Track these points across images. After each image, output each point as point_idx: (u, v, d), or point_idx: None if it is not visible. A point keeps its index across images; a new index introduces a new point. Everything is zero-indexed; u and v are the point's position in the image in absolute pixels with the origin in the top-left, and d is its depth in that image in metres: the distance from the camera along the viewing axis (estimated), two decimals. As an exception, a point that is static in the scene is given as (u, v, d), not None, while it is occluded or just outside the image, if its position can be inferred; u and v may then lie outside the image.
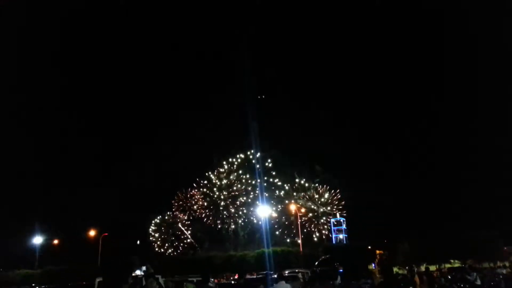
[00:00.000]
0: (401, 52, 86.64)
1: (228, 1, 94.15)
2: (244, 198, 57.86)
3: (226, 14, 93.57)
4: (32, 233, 49.10)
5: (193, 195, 60.81)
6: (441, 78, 79.29)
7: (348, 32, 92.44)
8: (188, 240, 60.24)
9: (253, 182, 57.82)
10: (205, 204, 59.17)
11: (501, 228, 38.82)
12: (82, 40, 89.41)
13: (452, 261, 38.87)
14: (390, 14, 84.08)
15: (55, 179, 62.89)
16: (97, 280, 19.62)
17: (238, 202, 57.97)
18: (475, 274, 19.23)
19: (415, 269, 26.80)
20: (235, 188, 58.21)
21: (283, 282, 11.70)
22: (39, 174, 63.05)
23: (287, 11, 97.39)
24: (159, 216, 60.51)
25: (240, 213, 57.84)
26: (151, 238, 60.20)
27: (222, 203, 58.30)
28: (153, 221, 60.49)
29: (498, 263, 36.76)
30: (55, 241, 53.51)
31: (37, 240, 48.99)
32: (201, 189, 59.91)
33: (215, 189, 58.89)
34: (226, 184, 58.74)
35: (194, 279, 23.44)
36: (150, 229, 60.41)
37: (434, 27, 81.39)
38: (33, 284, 37.44)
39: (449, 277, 24.62)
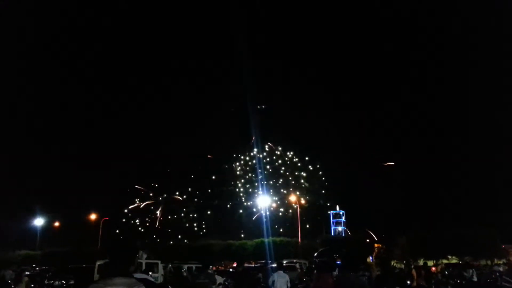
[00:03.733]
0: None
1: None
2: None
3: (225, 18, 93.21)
4: (33, 215, 49.53)
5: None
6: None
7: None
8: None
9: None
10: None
11: (500, 226, 38.94)
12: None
13: (449, 257, 38.96)
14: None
15: (57, 162, 63.23)
16: (98, 263, 19.83)
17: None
18: (471, 270, 19.34)
19: (413, 263, 26.95)
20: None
21: (281, 271, 11.75)
22: (42, 156, 63.41)
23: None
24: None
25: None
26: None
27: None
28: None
29: (496, 261, 36.85)
30: (56, 223, 53.97)
31: (38, 221, 49.42)
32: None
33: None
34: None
35: (193, 266, 23.72)
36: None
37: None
38: (34, 265, 37.83)
39: (446, 272, 24.76)
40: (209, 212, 59.92)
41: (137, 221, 61.54)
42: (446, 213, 51.46)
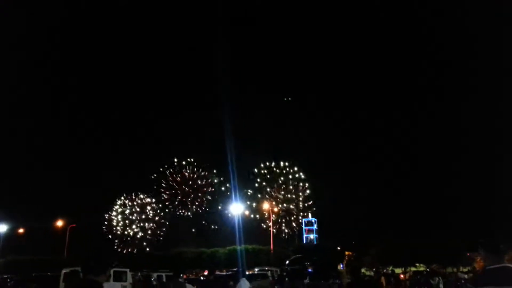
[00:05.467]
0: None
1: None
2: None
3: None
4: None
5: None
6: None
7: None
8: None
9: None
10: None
11: (465, 235, 40.24)
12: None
13: (417, 265, 39.89)
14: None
15: (22, 166, 61.16)
16: (63, 271, 19.18)
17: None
18: (438, 278, 19.83)
19: (382, 271, 27.41)
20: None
21: (244, 279, 11.84)
22: (6, 160, 61.14)
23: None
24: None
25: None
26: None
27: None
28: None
29: (461, 268, 37.99)
30: (20, 230, 51.83)
31: (1, 228, 47.29)
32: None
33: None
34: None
35: (163, 274, 23.32)
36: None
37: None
38: (-5, 273, 36.22)
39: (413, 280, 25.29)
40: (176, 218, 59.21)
41: (105, 228, 60.00)
42: (414, 222, 52.75)
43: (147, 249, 56.31)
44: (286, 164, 59.73)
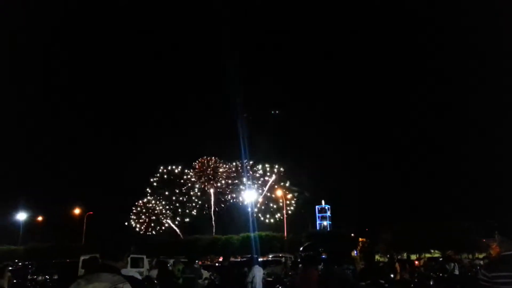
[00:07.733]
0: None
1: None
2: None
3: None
4: (16, 209, 48.64)
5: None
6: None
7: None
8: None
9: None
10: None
11: (481, 221, 39.79)
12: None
13: (432, 251, 39.69)
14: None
15: (39, 156, 62.29)
16: (82, 258, 19.59)
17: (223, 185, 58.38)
18: (453, 264, 19.72)
19: (396, 257, 27.32)
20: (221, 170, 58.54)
21: (257, 265, 12.01)
22: (24, 151, 62.42)
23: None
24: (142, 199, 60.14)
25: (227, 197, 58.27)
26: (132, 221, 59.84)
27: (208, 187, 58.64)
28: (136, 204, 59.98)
29: (477, 255, 37.69)
30: (39, 218, 53.14)
31: (21, 216, 48.55)
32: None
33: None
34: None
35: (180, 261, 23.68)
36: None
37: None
38: (16, 260, 37.30)
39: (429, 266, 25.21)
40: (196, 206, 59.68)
41: (123, 216, 60.85)
42: (429, 208, 52.41)
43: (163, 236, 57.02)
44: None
